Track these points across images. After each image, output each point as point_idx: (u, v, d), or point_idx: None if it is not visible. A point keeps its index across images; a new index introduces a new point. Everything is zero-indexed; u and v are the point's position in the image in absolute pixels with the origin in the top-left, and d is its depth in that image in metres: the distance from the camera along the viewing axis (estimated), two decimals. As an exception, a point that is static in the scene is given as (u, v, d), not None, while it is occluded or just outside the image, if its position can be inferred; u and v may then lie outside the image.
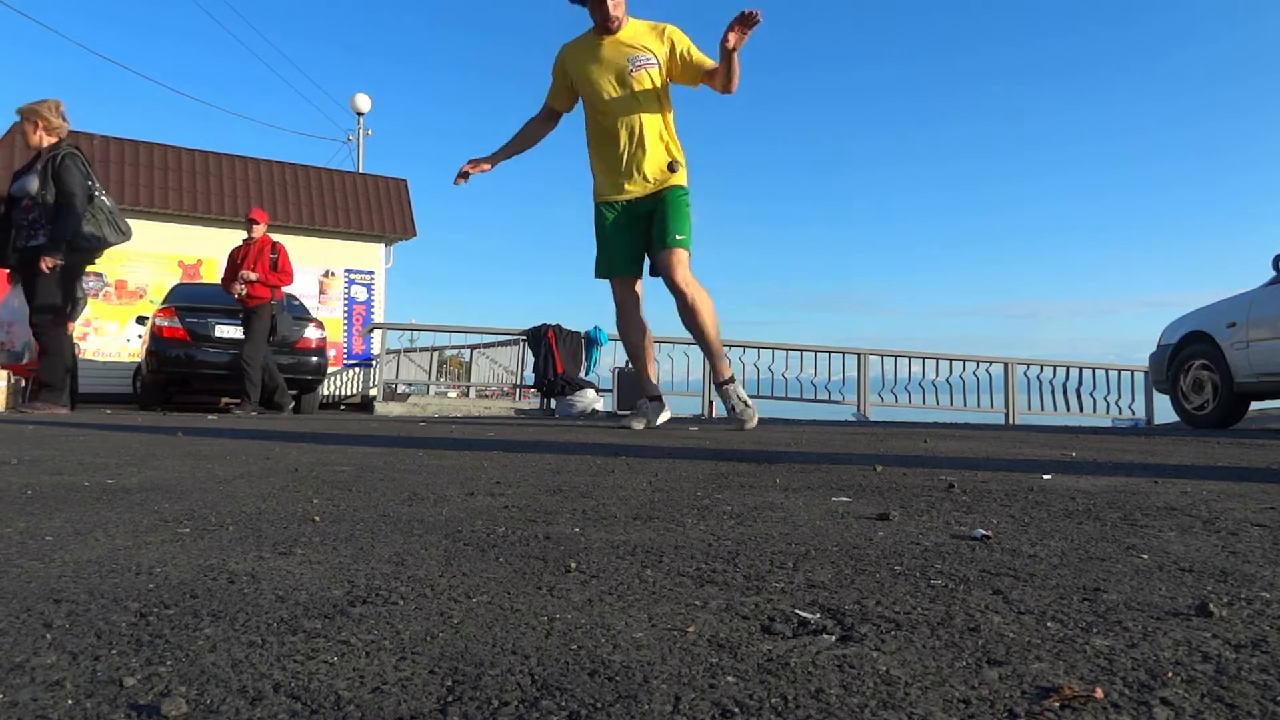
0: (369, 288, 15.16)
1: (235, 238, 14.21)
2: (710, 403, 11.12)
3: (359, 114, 19.60)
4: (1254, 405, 6.28)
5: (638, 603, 0.89)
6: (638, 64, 3.81)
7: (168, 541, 1.20)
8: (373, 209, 15.27)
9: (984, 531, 1.27)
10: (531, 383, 10.88)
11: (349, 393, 14.33)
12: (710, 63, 3.81)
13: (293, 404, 7.82)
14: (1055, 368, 11.72)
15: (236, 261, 7.69)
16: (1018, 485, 1.85)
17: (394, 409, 10.64)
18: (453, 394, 15.18)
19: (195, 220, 13.92)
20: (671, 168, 3.90)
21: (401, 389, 13.56)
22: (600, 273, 4.09)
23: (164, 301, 9.35)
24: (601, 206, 4.01)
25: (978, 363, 11.59)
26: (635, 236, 3.96)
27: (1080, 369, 11.72)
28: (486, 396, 13.56)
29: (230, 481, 1.88)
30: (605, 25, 3.80)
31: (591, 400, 10.26)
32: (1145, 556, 1.11)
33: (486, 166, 4.10)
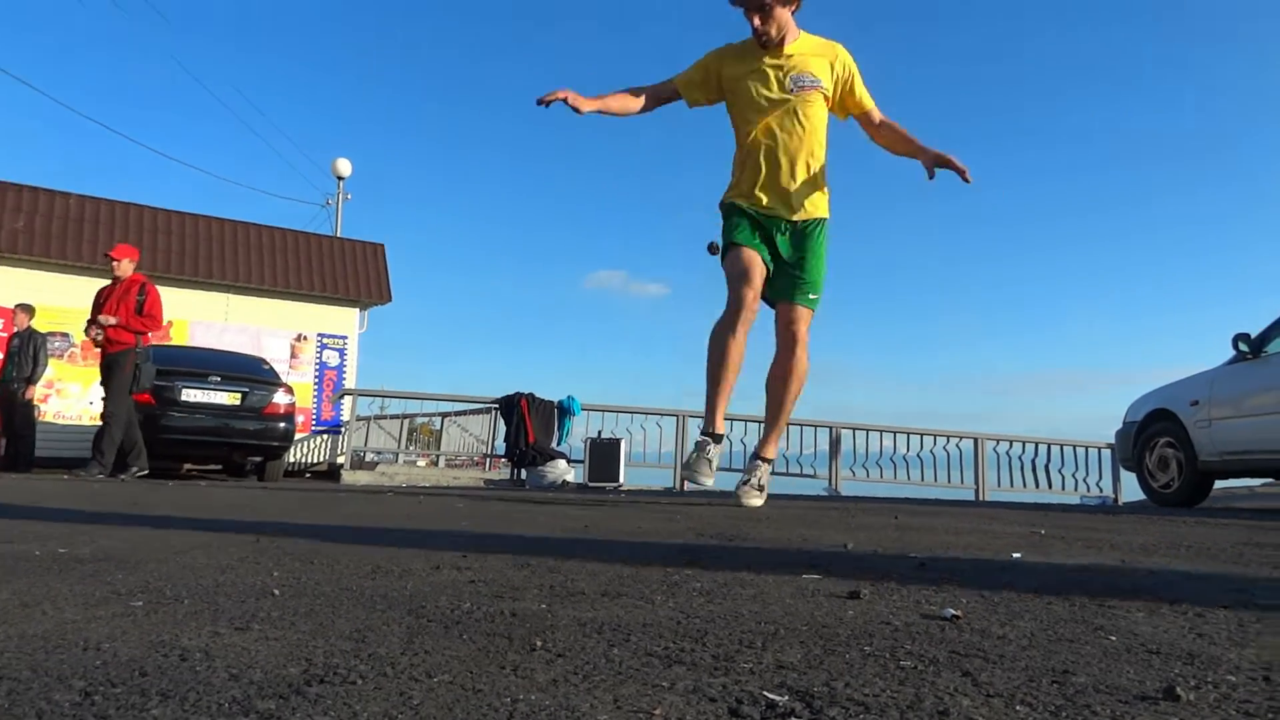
0: (341, 353, 15.06)
1: (206, 298, 14.19)
2: (682, 475, 11.08)
3: (339, 178, 19.75)
4: (1218, 484, 6.35)
5: (603, 683, 0.87)
6: (801, 85, 3.51)
7: (119, 615, 1.16)
8: (348, 273, 15.27)
9: (953, 611, 1.26)
10: (502, 452, 10.80)
11: (316, 460, 14.11)
12: (870, 103, 3.65)
13: (144, 470, 6.96)
14: (1024, 444, 11.83)
15: (99, 303, 6.95)
16: (988, 563, 1.84)
17: (361, 477, 10.48)
18: (422, 463, 14.99)
19: (166, 282, 13.83)
20: (810, 197, 3.58)
21: (370, 457, 13.39)
22: (734, 236, 3.56)
23: (130, 364, 9.23)
24: (733, 205, 3.65)
25: (948, 438, 11.68)
26: (765, 245, 3.57)
27: (1048, 445, 11.84)
28: (456, 466, 13.42)
29: (187, 552, 1.83)
30: (759, 40, 3.52)
31: (563, 471, 10.18)
32: (1113, 638, 1.11)
33: (580, 107, 3.53)
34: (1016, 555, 2.01)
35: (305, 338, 14.78)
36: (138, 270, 7.15)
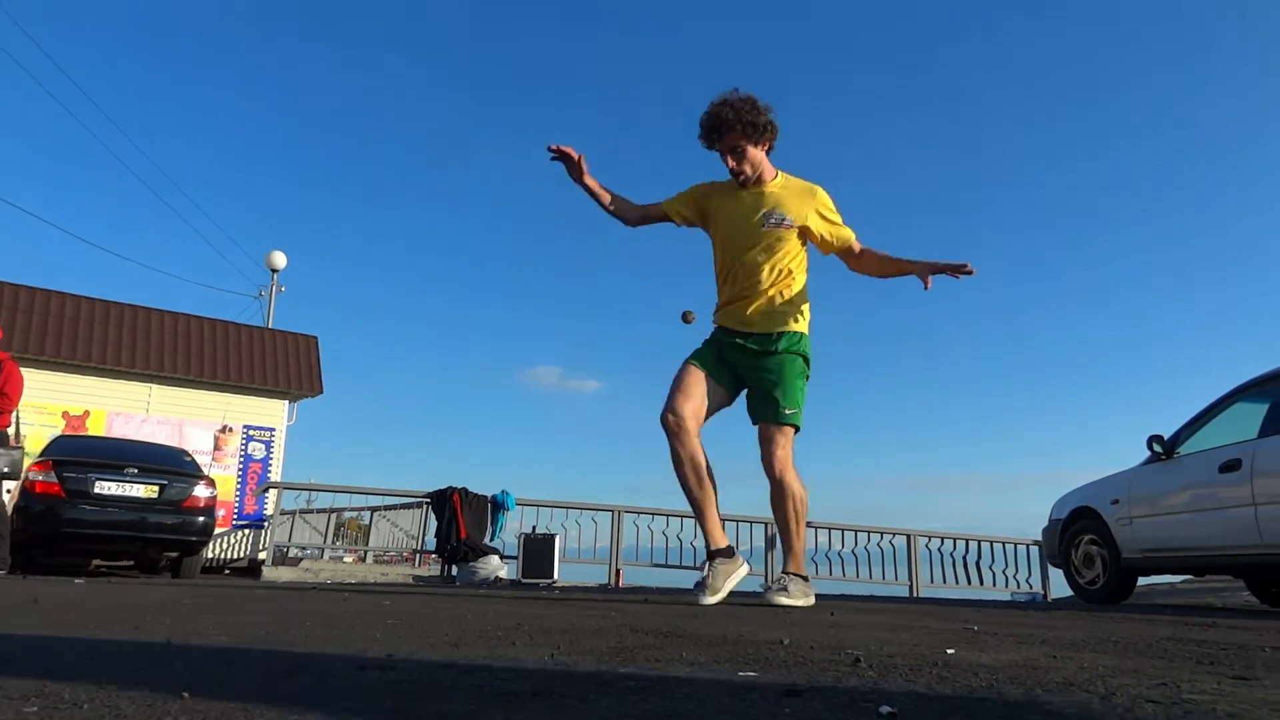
0: (268, 444, 14.64)
1: (127, 388, 13.75)
2: (618, 571, 10.90)
3: (274, 270, 19.57)
4: (1141, 580, 6.50)
5: (533, 788, 0.83)
6: (772, 221, 3.62)
7: (10, 721, 1.08)
8: (278, 364, 14.99)
9: (889, 708, 1.25)
10: (433, 548, 10.51)
11: (235, 555, 13.52)
12: (849, 238, 3.75)
13: (3, 568, 6.32)
14: (955, 540, 11.98)
15: None
16: (923, 659, 1.84)
17: (283, 574, 10.06)
18: (349, 559, 14.48)
19: (85, 370, 13.37)
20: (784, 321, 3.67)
21: (294, 553, 12.88)
22: (692, 354, 3.73)
23: (40, 454, 8.80)
24: (716, 328, 3.80)
25: (882, 534, 11.77)
26: (726, 367, 3.69)
27: (979, 542, 12.01)
28: (385, 562, 13.00)
29: (91, 653, 1.72)
30: (736, 180, 3.67)
31: (495, 567, 9.93)
32: (1047, 734, 1.11)
33: (584, 175, 3.67)
34: (950, 651, 2.01)
35: (230, 429, 14.35)
36: (4, 348, 6.79)
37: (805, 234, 3.70)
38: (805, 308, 3.74)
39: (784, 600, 3.51)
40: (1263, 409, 5.33)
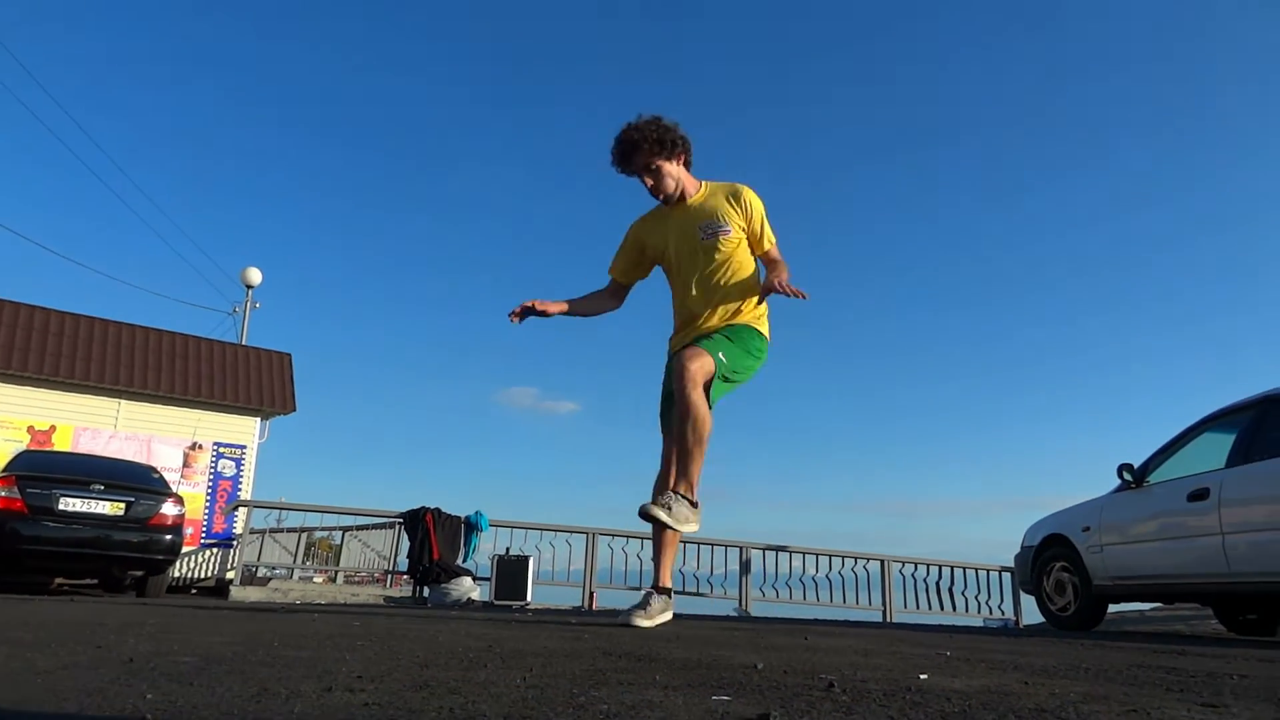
0: (238, 462, 14.45)
1: (95, 403, 13.54)
2: (591, 594, 10.83)
3: (249, 286, 19.41)
4: (1112, 607, 6.55)
5: (503, 813, 0.82)
6: (710, 231, 3.59)
7: (-35, 743, 1.05)
8: (251, 381, 14.82)
9: (863, 733, 1.25)
10: (405, 568, 10.39)
11: (203, 575, 13.29)
12: (769, 246, 3.67)
13: None
14: (929, 566, 12.03)
15: None
16: (896, 685, 1.84)
17: (252, 594, 9.90)
18: (319, 579, 14.28)
19: (52, 385, 13.16)
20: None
21: (263, 572, 12.68)
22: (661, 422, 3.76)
23: (4, 469, 8.63)
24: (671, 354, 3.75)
25: (855, 559, 11.79)
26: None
27: (952, 568, 12.05)
28: (356, 582, 12.84)
29: (52, 674, 1.68)
30: (660, 200, 3.65)
31: (468, 589, 9.84)
32: (1019, 760, 1.11)
33: (548, 310, 3.70)
34: (924, 677, 2.01)
35: (200, 446, 14.16)
36: None
37: (745, 234, 3.64)
38: (758, 308, 3.66)
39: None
40: (1230, 439, 5.42)
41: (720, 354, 3.45)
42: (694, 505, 3.40)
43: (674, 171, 3.60)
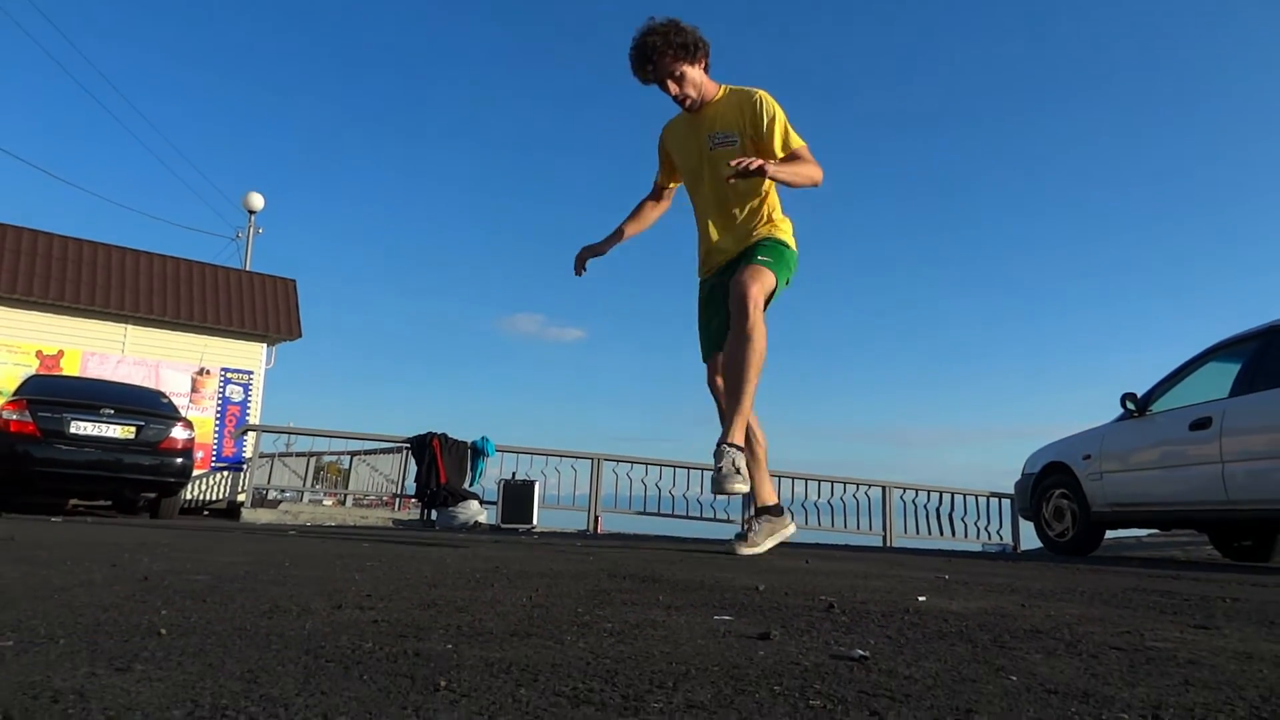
0: (246, 388, 14.54)
1: (102, 328, 13.58)
2: (596, 518, 11.00)
3: (251, 212, 19.25)
4: (1109, 533, 6.64)
5: (509, 724, 0.84)
6: (715, 142, 3.48)
7: (-15, 655, 1.08)
8: (256, 308, 14.81)
9: (862, 652, 1.28)
10: (413, 492, 10.54)
11: (215, 497, 13.51)
12: (795, 148, 3.41)
13: None
14: (930, 492, 12.16)
15: None
16: (894, 606, 1.87)
17: (262, 516, 10.08)
18: (328, 502, 14.52)
19: (59, 310, 13.17)
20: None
21: (273, 495, 12.89)
22: (703, 356, 3.69)
23: (14, 393, 8.70)
24: (700, 284, 3.74)
25: (857, 485, 11.92)
26: (723, 316, 3.47)
27: (952, 494, 12.19)
28: (364, 506, 13.05)
29: (68, 590, 1.72)
30: (682, 106, 3.53)
31: (475, 512, 9.99)
32: (1014, 678, 1.13)
33: (604, 250, 3.79)
34: (922, 598, 2.05)
35: (208, 372, 14.23)
36: None
37: (756, 144, 3.43)
38: (778, 217, 3.55)
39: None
40: (1235, 368, 5.41)
41: (774, 264, 3.36)
42: (740, 449, 3.25)
43: (696, 77, 3.46)
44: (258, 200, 19.31)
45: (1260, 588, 2.81)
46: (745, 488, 3.17)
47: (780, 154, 3.39)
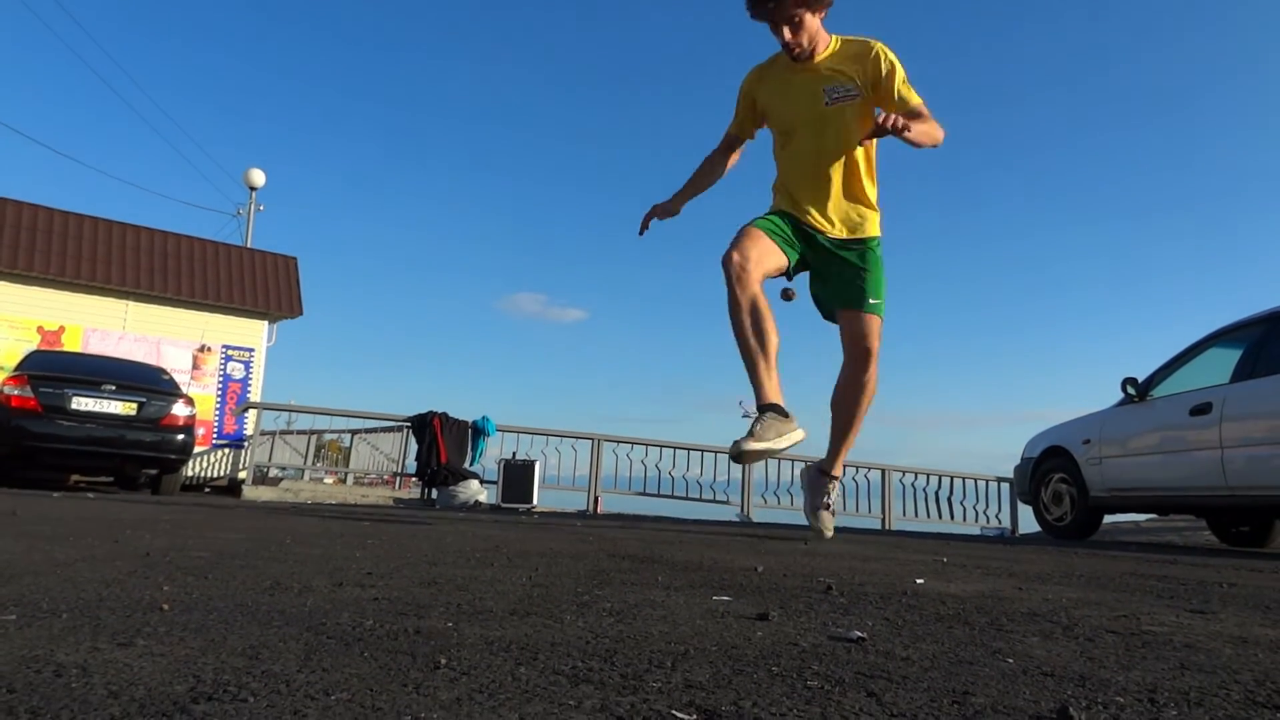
0: (247, 365, 14.54)
1: (103, 304, 13.56)
2: (596, 499, 11.03)
3: (252, 188, 19.20)
4: (1107, 518, 6.66)
5: (509, 702, 0.85)
6: (835, 96, 3.24)
7: (-12, 629, 1.08)
8: (257, 284, 14.78)
9: (859, 633, 1.28)
10: (413, 471, 10.57)
11: (215, 474, 13.55)
12: (914, 104, 3.22)
13: None
14: (928, 476, 12.19)
15: None
16: (892, 589, 1.88)
17: (263, 494, 10.11)
18: (329, 480, 14.56)
19: (60, 285, 13.15)
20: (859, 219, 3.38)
21: (274, 473, 12.93)
22: (756, 219, 3.32)
23: (16, 369, 8.70)
24: (776, 209, 3.43)
25: (857, 468, 11.94)
26: (799, 250, 3.31)
27: (951, 478, 12.22)
28: (365, 484, 13.09)
29: (70, 565, 1.73)
30: (791, 54, 3.26)
31: (475, 491, 10.03)
32: (1010, 661, 1.14)
33: (673, 210, 3.61)
34: (920, 581, 2.06)
35: (209, 349, 14.23)
36: None
37: (874, 101, 3.26)
38: (875, 198, 3.41)
39: (831, 527, 3.58)
40: (1236, 354, 5.40)
41: (882, 304, 3.36)
42: (837, 479, 3.68)
43: (813, 26, 3.20)
44: (259, 176, 19.25)
45: (1257, 573, 2.82)
46: (830, 533, 3.59)
47: (908, 110, 3.21)
